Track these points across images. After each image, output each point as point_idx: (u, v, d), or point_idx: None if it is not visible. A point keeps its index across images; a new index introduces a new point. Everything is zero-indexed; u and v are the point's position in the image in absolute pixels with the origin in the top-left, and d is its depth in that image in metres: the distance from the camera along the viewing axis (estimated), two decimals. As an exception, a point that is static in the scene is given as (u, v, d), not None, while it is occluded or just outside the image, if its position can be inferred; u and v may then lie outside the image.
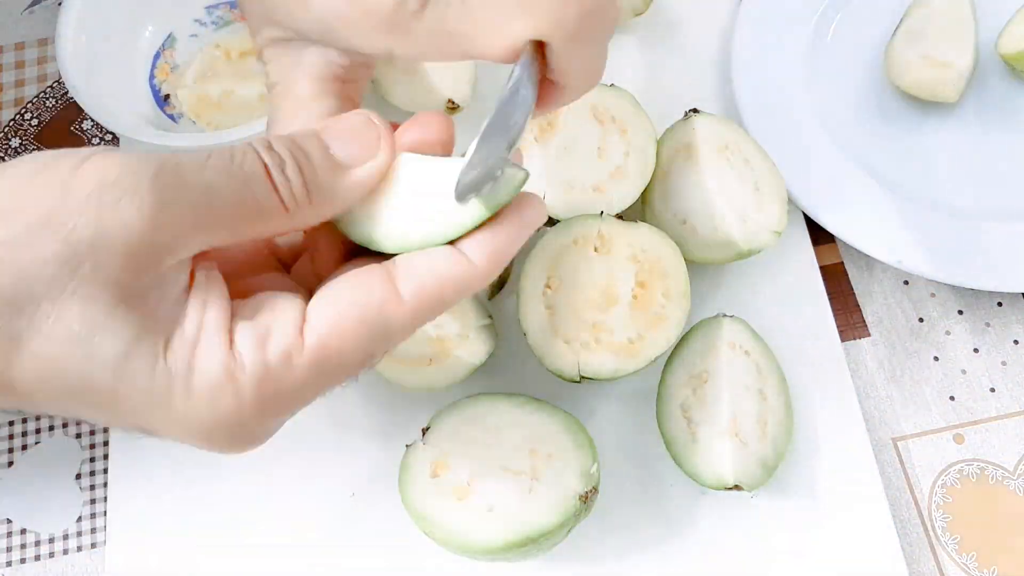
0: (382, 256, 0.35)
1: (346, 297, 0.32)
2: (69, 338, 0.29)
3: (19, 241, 0.29)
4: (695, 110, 0.54)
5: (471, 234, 0.34)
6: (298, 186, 0.32)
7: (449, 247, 0.34)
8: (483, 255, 0.33)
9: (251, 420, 0.32)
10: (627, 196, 0.53)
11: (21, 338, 0.29)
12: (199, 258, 0.33)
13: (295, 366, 0.31)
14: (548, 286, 0.50)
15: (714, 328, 0.50)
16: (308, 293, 0.34)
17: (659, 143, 0.54)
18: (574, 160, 0.53)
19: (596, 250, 0.50)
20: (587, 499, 0.45)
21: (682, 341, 0.51)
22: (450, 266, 0.33)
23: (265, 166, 0.32)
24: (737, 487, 0.47)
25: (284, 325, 0.32)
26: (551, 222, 0.52)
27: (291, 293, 0.34)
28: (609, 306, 0.50)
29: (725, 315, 0.51)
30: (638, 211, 0.54)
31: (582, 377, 0.49)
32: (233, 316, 0.32)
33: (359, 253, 0.36)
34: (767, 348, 0.51)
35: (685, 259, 0.50)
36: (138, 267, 0.30)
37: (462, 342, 0.50)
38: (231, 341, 0.31)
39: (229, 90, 0.58)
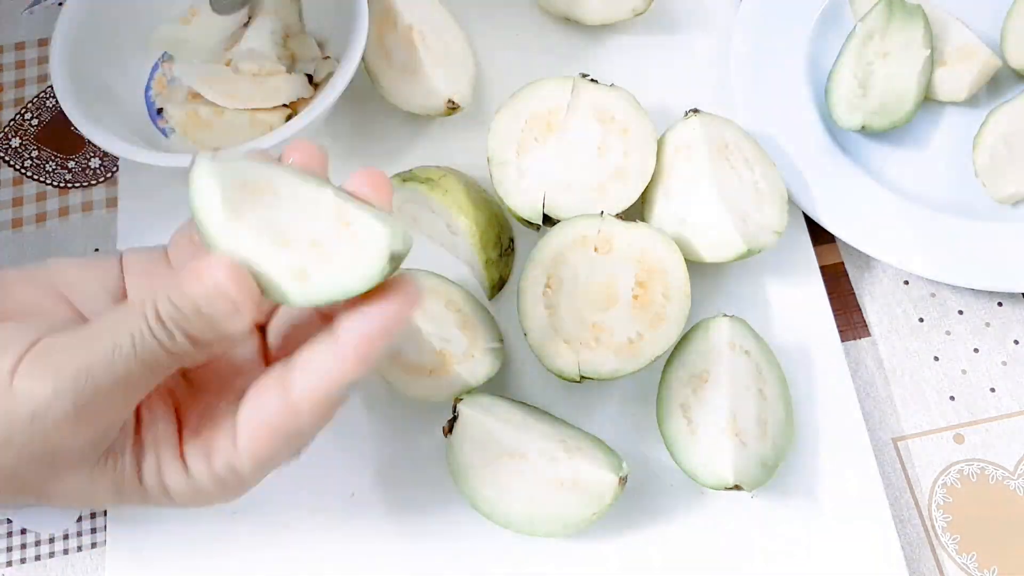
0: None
1: (255, 415, 0.37)
2: (76, 494, 0.38)
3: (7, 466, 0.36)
4: (695, 110, 0.54)
5: (347, 319, 0.35)
6: (188, 347, 0.36)
7: (333, 347, 0.36)
8: (357, 347, 0.36)
9: (226, 498, 0.39)
10: (627, 196, 0.53)
11: (46, 499, 0.39)
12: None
13: (239, 470, 0.38)
14: (548, 286, 0.50)
15: (715, 328, 0.50)
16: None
17: (660, 143, 0.54)
18: (574, 160, 0.53)
19: (596, 250, 0.50)
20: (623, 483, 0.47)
21: (682, 341, 0.51)
22: (333, 368, 0.36)
23: (160, 343, 0.35)
24: (737, 487, 0.47)
25: (223, 445, 0.38)
26: (551, 222, 0.52)
27: (231, 390, 0.39)
28: (609, 306, 0.50)
29: (725, 315, 0.50)
30: (638, 211, 0.54)
31: (582, 377, 0.49)
32: (182, 438, 0.39)
33: None
34: (767, 348, 0.51)
35: (685, 259, 0.50)
36: (92, 451, 0.37)
37: (466, 360, 0.50)
38: (184, 466, 0.38)
39: (220, 110, 0.58)
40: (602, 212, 0.51)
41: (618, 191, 0.53)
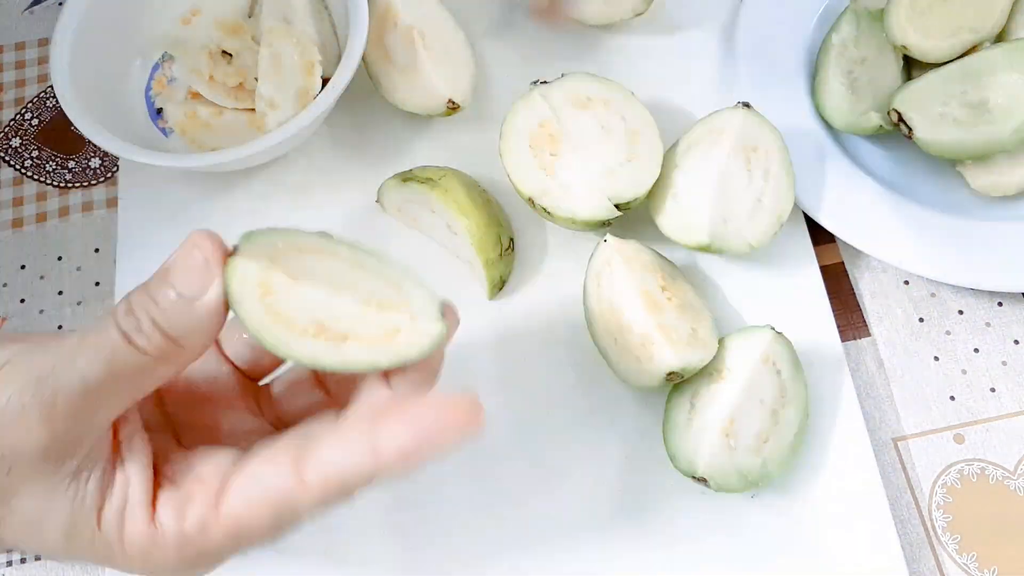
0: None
1: (256, 481, 0.35)
2: (26, 523, 0.35)
3: None
4: (747, 104, 0.54)
5: (397, 423, 0.34)
6: (157, 338, 0.34)
7: (366, 436, 0.34)
8: (396, 449, 0.34)
9: (185, 568, 0.36)
10: (653, 155, 0.54)
11: (3, 520, 0.36)
12: (120, 421, 0.36)
13: (210, 535, 0.35)
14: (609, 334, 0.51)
15: (755, 336, 0.50)
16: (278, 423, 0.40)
17: (695, 125, 0.55)
18: (593, 149, 0.53)
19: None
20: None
21: (723, 338, 0.51)
22: (356, 459, 0.34)
23: (124, 335, 0.34)
24: (703, 480, 0.48)
25: (204, 495, 0.35)
26: (624, 208, 0.53)
27: (224, 450, 0.37)
28: (659, 309, 0.50)
29: (773, 328, 0.51)
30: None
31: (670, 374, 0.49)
32: (158, 482, 0.36)
33: None
34: (803, 381, 0.50)
35: (663, 233, 0.53)
36: (55, 461, 0.34)
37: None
38: (153, 513, 0.35)
39: (219, 110, 0.58)
40: (605, 238, 0.52)
41: (642, 150, 0.53)
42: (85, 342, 0.34)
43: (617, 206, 0.52)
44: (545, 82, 0.55)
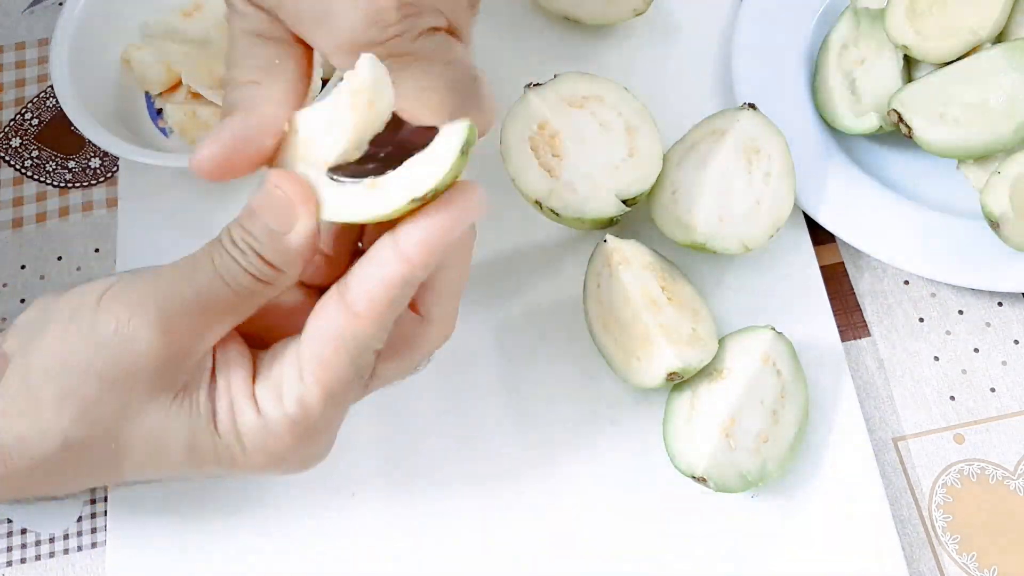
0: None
1: (317, 334, 0.37)
2: (149, 440, 0.38)
3: (84, 387, 0.37)
4: (752, 105, 0.54)
5: (409, 223, 0.36)
6: (261, 264, 0.37)
7: (390, 249, 0.36)
8: (416, 248, 0.36)
9: (304, 449, 0.39)
10: (651, 150, 0.54)
11: (121, 449, 0.38)
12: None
13: (309, 406, 0.37)
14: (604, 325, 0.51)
15: (757, 336, 0.50)
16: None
17: (699, 124, 0.55)
18: (593, 146, 0.53)
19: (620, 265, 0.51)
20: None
21: (724, 338, 0.51)
22: (389, 269, 0.36)
23: (234, 259, 0.37)
24: (703, 480, 0.48)
25: (290, 376, 0.37)
26: (632, 203, 0.53)
27: (293, 338, 0.39)
28: (659, 309, 0.50)
29: (774, 329, 0.51)
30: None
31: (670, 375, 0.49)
32: (255, 377, 0.38)
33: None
34: (804, 382, 0.50)
35: (661, 231, 0.53)
36: (170, 378, 0.37)
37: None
38: (257, 407, 0.38)
39: (218, 111, 0.57)
40: (606, 239, 0.52)
41: (642, 144, 0.54)
42: (197, 268, 0.37)
43: (624, 201, 0.52)
44: (538, 84, 0.55)
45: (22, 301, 0.58)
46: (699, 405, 0.49)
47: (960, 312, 0.56)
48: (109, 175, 0.62)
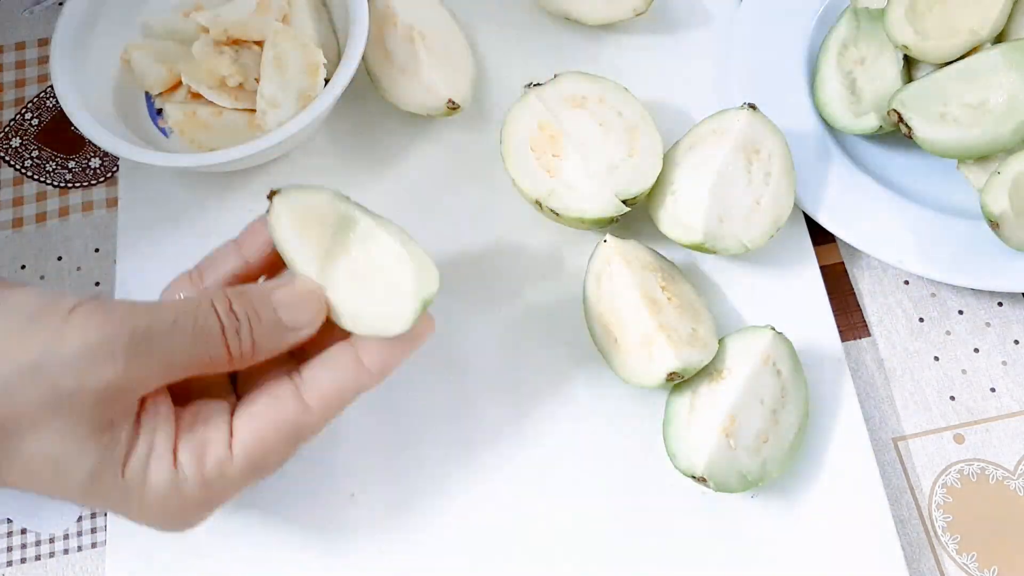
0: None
1: (264, 414, 0.40)
2: (47, 460, 0.37)
3: (11, 383, 0.36)
4: (752, 105, 0.54)
5: (371, 343, 0.41)
6: (247, 345, 0.39)
7: (352, 357, 0.41)
8: (378, 365, 0.41)
9: (194, 514, 0.40)
10: (653, 148, 0.54)
11: (10, 456, 0.37)
12: None
13: (227, 475, 0.39)
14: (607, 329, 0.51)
15: (756, 336, 0.50)
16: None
17: (699, 124, 0.55)
18: (593, 146, 0.53)
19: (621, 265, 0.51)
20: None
21: (724, 338, 0.51)
22: (350, 376, 0.40)
23: (223, 328, 0.39)
24: (703, 480, 0.48)
25: (217, 441, 0.39)
26: (631, 204, 0.53)
27: (221, 402, 0.41)
28: (659, 309, 0.50)
29: (773, 328, 0.50)
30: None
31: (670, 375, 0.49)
32: (177, 430, 0.39)
33: None
34: (803, 382, 0.50)
35: (661, 230, 0.53)
36: (109, 409, 0.37)
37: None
38: (175, 460, 0.39)
39: (219, 110, 0.58)
40: (606, 239, 0.52)
41: (642, 144, 0.54)
42: (183, 316, 0.38)
43: (624, 201, 0.52)
44: (538, 84, 0.55)
45: (22, 301, 0.58)
46: (699, 405, 0.49)
47: (960, 312, 0.56)
48: (109, 175, 0.62)
